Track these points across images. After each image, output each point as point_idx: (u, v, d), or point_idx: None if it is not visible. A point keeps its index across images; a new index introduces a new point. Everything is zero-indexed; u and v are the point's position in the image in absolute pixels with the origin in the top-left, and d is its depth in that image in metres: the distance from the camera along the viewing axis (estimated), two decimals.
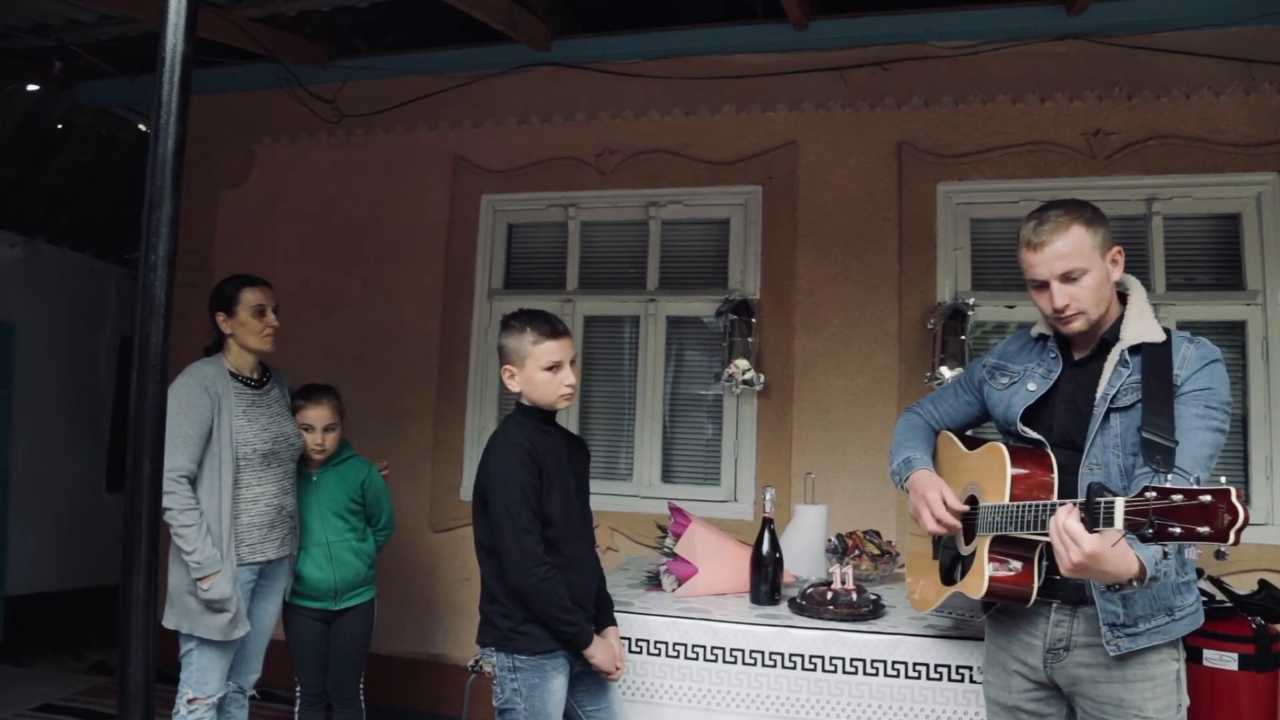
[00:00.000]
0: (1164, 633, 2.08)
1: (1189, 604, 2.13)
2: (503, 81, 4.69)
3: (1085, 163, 3.98)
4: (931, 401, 2.62)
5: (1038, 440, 2.21)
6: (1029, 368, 2.32)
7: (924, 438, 2.56)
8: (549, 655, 2.46)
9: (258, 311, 3.22)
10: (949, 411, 2.57)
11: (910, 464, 2.46)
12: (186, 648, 3.06)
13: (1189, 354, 2.10)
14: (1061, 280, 2.13)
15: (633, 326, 4.63)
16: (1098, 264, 2.13)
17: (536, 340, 2.51)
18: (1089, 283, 2.12)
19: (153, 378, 1.22)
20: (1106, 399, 2.11)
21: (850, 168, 4.28)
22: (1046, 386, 2.25)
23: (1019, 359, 2.37)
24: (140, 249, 1.23)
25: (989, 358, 2.47)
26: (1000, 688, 2.31)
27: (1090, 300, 2.13)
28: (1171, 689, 2.10)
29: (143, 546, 1.23)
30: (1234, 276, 3.92)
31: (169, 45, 1.25)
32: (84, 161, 6.29)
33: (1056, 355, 2.27)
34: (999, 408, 2.36)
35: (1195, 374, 2.07)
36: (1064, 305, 2.13)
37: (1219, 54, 3.83)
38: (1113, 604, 2.06)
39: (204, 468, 3.05)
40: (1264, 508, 3.72)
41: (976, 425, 2.58)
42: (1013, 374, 2.35)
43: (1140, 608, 2.06)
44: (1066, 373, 2.25)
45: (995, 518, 2.13)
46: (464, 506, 4.61)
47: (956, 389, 2.57)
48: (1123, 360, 2.13)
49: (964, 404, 2.53)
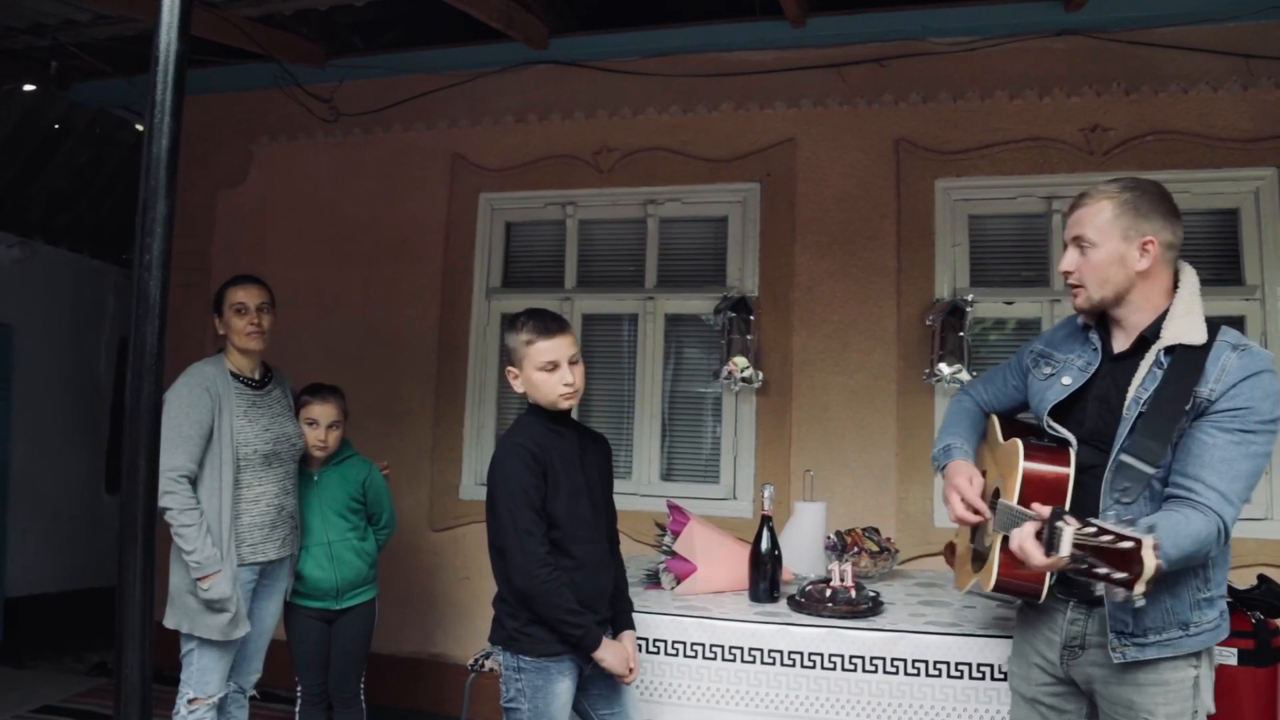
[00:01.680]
0: (1175, 646, 2.01)
1: (1208, 620, 2.04)
2: (500, 80, 4.68)
3: (1084, 159, 3.98)
4: (983, 384, 2.54)
5: (1064, 438, 2.16)
6: (1069, 359, 2.24)
7: (971, 423, 2.49)
8: (554, 658, 2.45)
9: (238, 310, 3.22)
10: (998, 395, 2.49)
11: (949, 451, 2.40)
12: (187, 648, 3.06)
13: (1229, 365, 1.97)
14: (1073, 244, 2.12)
15: (631, 324, 4.62)
16: (1114, 244, 2.07)
17: (531, 340, 2.49)
18: (1095, 258, 2.08)
19: (148, 378, 1.22)
20: (1138, 402, 2.03)
21: (848, 165, 4.28)
22: (1083, 380, 2.18)
23: (1064, 347, 2.29)
24: (135, 249, 1.23)
25: (1037, 343, 2.40)
26: (1022, 679, 2.29)
27: (1091, 276, 2.09)
28: (1186, 695, 2.03)
29: (139, 547, 1.23)
30: (1233, 272, 3.91)
31: (163, 44, 1.25)
32: (82, 162, 6.29)
33: (1097, 348, 2.20)
34: (1035, 399, 2.31)
35: (1233, 389, 1.94)
36: (1066, 271, 2.12)
37: (1217, 49, 3.83)
38: (1123, 612, 2.00)
39: (204, 468, 3.05)
40: (1263, 503, 3.73)
41: (1025, 410, 2.48)
42: (1055, 363, 2.27)
43: (1151, 620, 2.00)
44: (1104, 366, 2.17)
45: (1003, 516, 2.11)
46: (464, 505, 4.61)
47: (1006, 372, 2.49)
48: (1158, 361, 2.05)
49: (1011, 389, 2.46)
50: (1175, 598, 2.01)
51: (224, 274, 3.49)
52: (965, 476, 2.29)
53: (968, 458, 2.39)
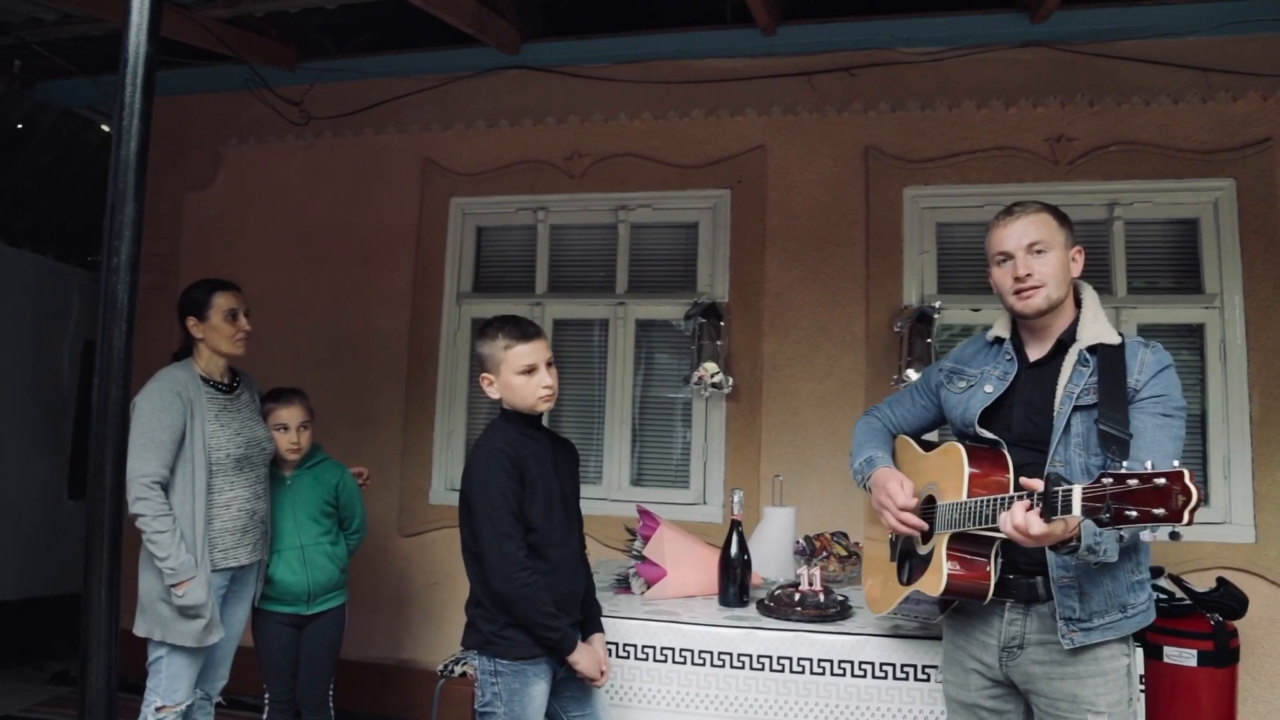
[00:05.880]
0: (1116, 629, 2.13)
1: (1141, 602, 2.18)
2: (472, 84, 4.68)
3: (1049, 168, 4.04)
4: (889, 405, 2.66)
5: (995, 441, 2.25)
6: (985, 370, 2.36)
7: (884, 439, 2.59)
8: (531, 661, 2.46)
9: (230, 316, 3.20)
10: (906, 416, 2.61)
11: (873, 462, 2.48)
12: (156, 655, 3.02)
13: (1146, 359, 2.15)
14: (1027, 251, 2.21)
15: (602, 330, 4.63)
16: (1061, 251, 2.23)
17: (509, 345, 2.51)
18: (1052, 260, 2.21)
19: (115, 382, 1.22)
20: (1071, 397, 2.15)
21: (818, 172, 4.32)
22: (1004, 388, 2.29)
23: (975, 362, 2.41)
24: (103, 252, 1.22)
25: (945, 362, 2.52)
26: (959, 686, 2.35)
27: (1051, 277, 2.20)
28: (1122, 683, 2.15)
29: (104, 553, 1.22)
30: (1193, 280, 3.99)
31: (132, 46, 1.24)
32: (46, 163, 6.19)
33: (1013, 357, 2.32)
34: (956, 410, 2.40)
35: (1153, 379, 2.12)
36: (1026, 274, 2.20)
37: (1177, 62, 3.91)
38: (1070, 599, 2.11)
39: (176, 473, 3.02)
40: (1222, 507, 3.79)
41: (932, 430, 2.62)
42: (970, 377, 2.39)
43: (1096, 604, 2.12)
44: (1024, 374, 2.29)
45: (953, 515, 2.16)
46: (434, 511, 4.59)
47: (913, 394, 2.60)
48: (1081, 359, 2.18)
49: (920, 409, 2.58)
50: (1115, 580, 2.13)
51: (191, 277, 3.44)
52: (895, 481, 2.35)
53: (891, 467, 2.46)
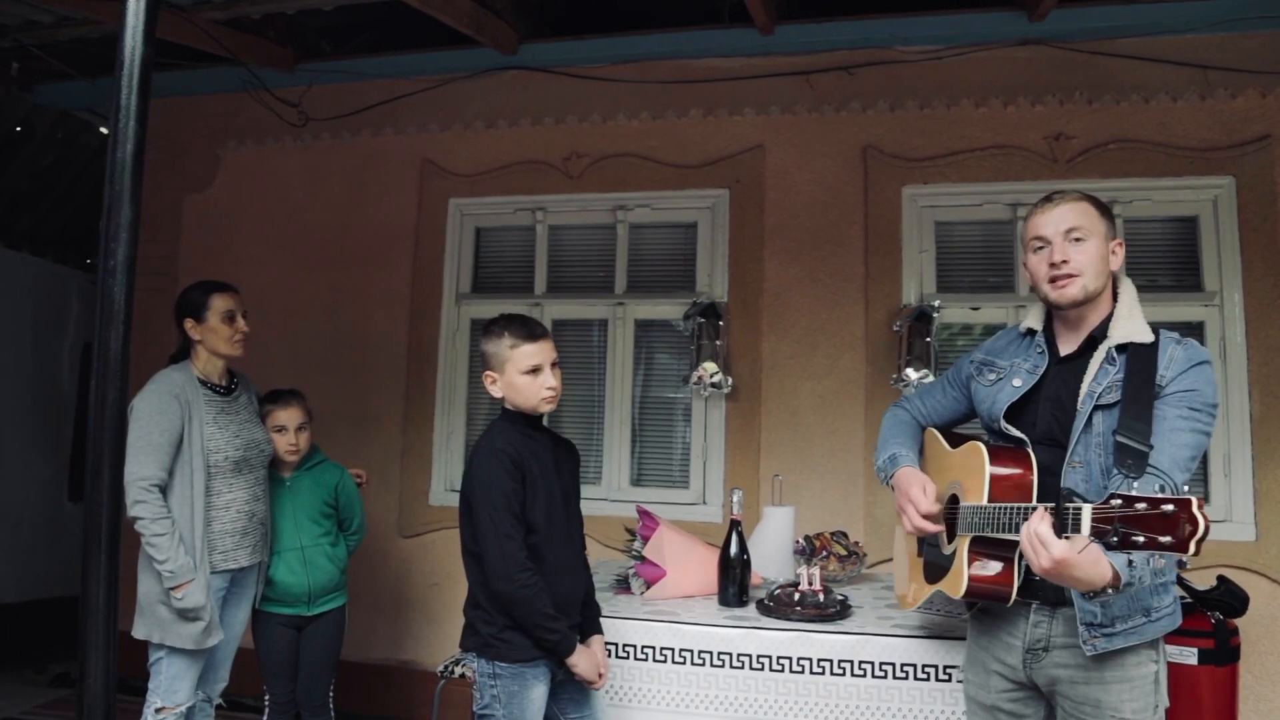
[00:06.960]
0: (1140, 633, 2.07)
1: (1166, 605, 2.11)
2: (470, 85, 4.68)
3: (1048, 166, 4.04)
4: (919, 397, 2.60)
5: (1020, 439, 2.20)
6: (1016, 363, 2.30)
7: (911, 434, 2.53)
8: (530, 664, 2.45)
9: (228, 317, 3.19)
10: (936, 408, 2.55)
11: (896, 460, 2.44)
12: (156, 656, 3.02)
13: (1176, 355, 2.09)
14: (1065, 237, 2.15)
15: (601, 330, 4.63)
16: (1100, 241, 2.16)
17: (515, 344, 2.50)
18: (1091, 249, 2.14)
19: (112, 384, 1.21)
20: (1093, 396, 2.10)
21: (816, 171, 4.32)
22: (1032, 382, 2.23)
23: (1006, 354, 2.35)
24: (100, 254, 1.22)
25: (977, 354, 2.45)
26: (980, 687, 2.31)
27: (1089, 267, 2.14)
28: (1149, 690, 2.09)
29: (102, 555, 1.22)
30: (1192, 278, 3.99)
31: (128, 48, 1.24)
32: (44, 165, 6.19)
33: (1044, 350, 2.26)
34: (984, 404, 2.34)
35: (1181, 375, 2.05)
36: (1063, 260, 2.14)
37: (1176, 60, 3.90)
38: (1091, 604, 2.05)
39: (175, 476, 3.02)
40: (1223, 505, 3.79)
41: (964, 422, 2.55)
42: (1000, 370, 2.33)
43: (1118, 608, 2.05)
44: (1053, 369, 2.23)
45: (973, 518, 2.12)
46: (433, 511, 4.59)
47: (944, 385, 2.54)
48: (1109, 357, 2.12)
49: (951, 400, 2.51)
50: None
51: (190, 279, 3.43)
52: (919, 485, 2.31)
53: (914, 466, 2.43)
